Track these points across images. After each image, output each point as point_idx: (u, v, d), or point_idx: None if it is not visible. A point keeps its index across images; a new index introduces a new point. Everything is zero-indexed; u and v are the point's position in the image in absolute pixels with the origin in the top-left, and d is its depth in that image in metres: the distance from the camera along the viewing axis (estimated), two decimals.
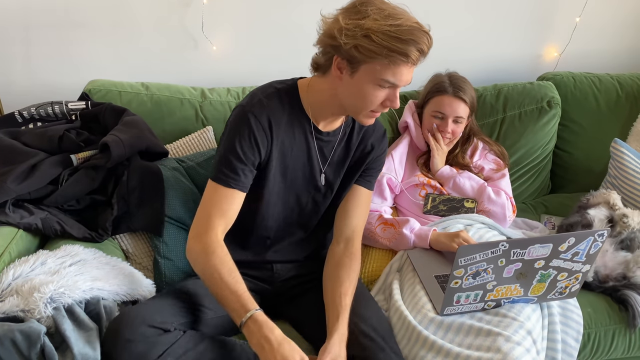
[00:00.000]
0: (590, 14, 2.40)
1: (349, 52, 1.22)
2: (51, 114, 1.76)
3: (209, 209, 1.32)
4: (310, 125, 1.40)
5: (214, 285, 1.26)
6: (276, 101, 1.36)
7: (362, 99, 1.29)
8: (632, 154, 2.00)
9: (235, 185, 1.32)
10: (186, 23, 2.11)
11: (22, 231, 1.51)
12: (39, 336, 1.10)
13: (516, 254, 1.31)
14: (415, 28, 1.20)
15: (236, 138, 1.32)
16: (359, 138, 1.48)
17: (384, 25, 1.19)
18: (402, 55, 1.20)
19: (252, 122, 1.32)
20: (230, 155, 1.32)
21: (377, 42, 1.19)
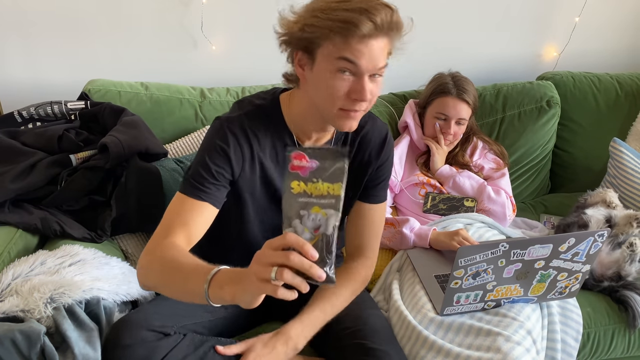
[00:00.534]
0: (590, 14, 2.40)
1: (299, 38, 1.12)
2: (50, 114, 1.76)
3: (169, 220, 1.16)
4: (295, 144, 1.29)
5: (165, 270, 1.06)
6: (256, 119, 1.26)
7: (325, 92, 1.15)
8: (631, 153, 2.00)
9: (206, 198, 1.19)
10: (185, 23, 2.10)
11: (21, 231, 1.51)
12: (39, 336, 1.09)
13: (516, 254, 1.31)
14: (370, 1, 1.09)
15: (209, 152, 1.22)
16: (354, 150, 1.35)
17: (332, 2, 1.09)
18: (351, 25, 1.05)
19: (228, 137, 1.22)
20: (201, 168, 1.21)
21: (323, 16, 1.08)
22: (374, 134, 1.35)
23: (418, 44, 2.30)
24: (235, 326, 1.42)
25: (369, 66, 1.11)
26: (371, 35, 1.08)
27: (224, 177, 1.23)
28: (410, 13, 2.42)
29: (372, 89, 1.15)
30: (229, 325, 1.39)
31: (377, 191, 1.39)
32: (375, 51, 1.10)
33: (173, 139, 1.93)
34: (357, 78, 1.12)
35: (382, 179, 1.39)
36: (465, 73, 1.98)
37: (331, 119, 1.20)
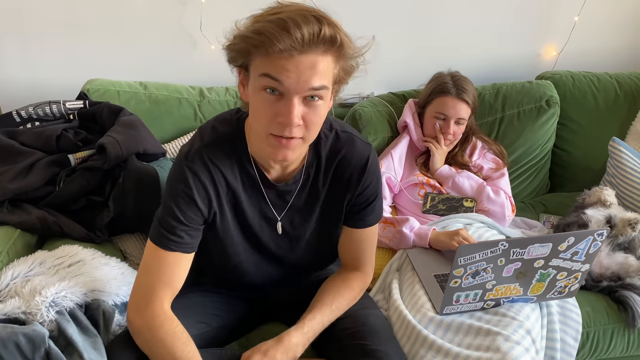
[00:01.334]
0: (589, 13, 2.40)
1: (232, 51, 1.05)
2: (49, 114, 1.76)
3: (151, 278, 1.16)
4: (257, 175, 1.20)
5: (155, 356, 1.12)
6: (218, 149, 1.16)
7: (254, 113, 1.06)
8: (630, 153, 2.00)
9: (177, 248, 1.15)
10: (184, 22, 2.10)
11: (20, 231, 1.50)
12: (43, 339, 1.09)
13: (516, 253, 1.31)
14: (299, 12, 0.96)
15: (174, 198, 1.15)
16: (330, 176, 1.25)
17: (264, 14, 1.00)
18: (267, 38, 0.95)
19: (189, 179, 1.14)
20: (168, 217, 1.15)
21: (249, 27, 1.00)
22: (353, 158, 1.23)
23: (417, 44, 2.31)
24: (232, 333, 1.42)
25: (296, 85, 0.99)
26: (294, 50, 0.96)
27: (194, 221, 1.17)
28: (409, 13, 2.44)
29: (305, 114, 1.03)
30: (226, 333, 1.38)
31: (364, 216, 1.30)
32: (304, 68, 0.97)
33: (172, 138, 1.93)
34: (285, 99, 1.01)
35: (367, 203, 1.29)
36: (464, 72, 1.98)
37: (264, 147, 1.09)
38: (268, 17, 0.98)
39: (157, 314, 1.13)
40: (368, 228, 1.33)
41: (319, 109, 1.04)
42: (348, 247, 1.36)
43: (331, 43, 0.98)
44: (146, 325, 1.13)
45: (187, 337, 1.14)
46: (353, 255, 1.36)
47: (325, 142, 1.23)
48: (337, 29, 0.98)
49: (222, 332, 1.37)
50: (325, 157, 1.23)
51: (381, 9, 2.21)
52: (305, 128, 1.05)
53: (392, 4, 2.22)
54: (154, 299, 1.14)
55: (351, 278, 1.36)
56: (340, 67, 1.04)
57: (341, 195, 1.27)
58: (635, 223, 1.67)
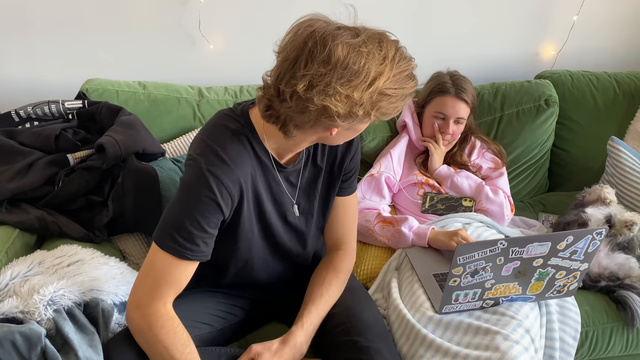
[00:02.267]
0: (588, 13, 2.40)
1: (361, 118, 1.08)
2: (48, 113, 1.75)
3: (159, 278, 1.13)
4: (272, 162, 1.23)
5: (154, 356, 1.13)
6: (236, 148, 1.16)
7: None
8: (629, 152, 2.00)
9: (193, 257, 1.14)
10: (183, 22, 2.10)
11: (19, 231, 1.50)
12: (40, 338, 1.09)
13: (515, 252, 1.31)
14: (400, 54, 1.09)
15: (196, 204, 1.12)
16: (325, 152, 1.32)
17: (392, 75, 1.06)
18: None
19: (214, 187, 1.11)
20: (189, 224, 1.11)
21: (395, 94, 1.08)
22: None
23: (416, 43, 2.31)
24: (232, 334, 1.42)
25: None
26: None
27: (215, 225, 1.16)
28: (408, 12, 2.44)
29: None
30: (227, 334, 1.38)
31: (349, 184, 1.39)
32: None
33: (171, 138, 1.93)
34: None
35: (353, 172, 1.39)
36: (463, 72, 1.98)
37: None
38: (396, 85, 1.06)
39: (160, 314, 1.12)
40: (350, 197, 1.41)
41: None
42: (333, 219, 1.41)
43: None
44: (147, 325, 1.12)
45: (187, 338, 1.14)
46: (338, 228, 1.41)
47: None
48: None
49: (223, 333, 1.37)
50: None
51: (380, 8, 2.21)
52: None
53: (391, 4, 2.22)
54: (158, 298, 1.13)
55: (336, 261, 1.39)
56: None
57: (337, 169, 1.34)
58: (631, 225, 1.67)
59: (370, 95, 1.03)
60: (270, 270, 1.39)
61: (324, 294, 1.33)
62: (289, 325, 1.45)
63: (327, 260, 1.41)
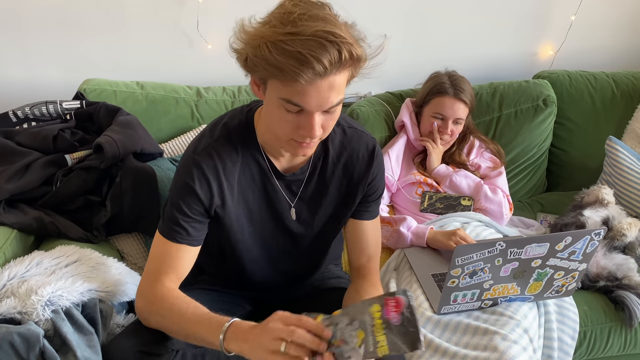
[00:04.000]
0: (586, 13, 2.40)
1: (243, 64, 1.05)
2: (45, 114, 1.75)
3: (157, 264, 1.19)
4: (268, 166, 1.23)
5: (173, 322, 1.12)
6: (227, 145, 1.19)
7: (273, 121, 1.09)
8: (627, 152, 2.00)
9: (182, 240, 1.18)
10: (181, 22, 2.10)
11: (16, 231, 1.50)
12: (38, 339, 1.08)
13: (513, 253, 1.31)
14: (315, 38, 0.94)
15: (180, 191, 1.18)
16: (340, 168, 1.27)
17: (279, 33, 0.96)
18: (289, 75, 0.96)
19: (194, 175, 1.16)
20: (174, 210, 1.18)
21: (262, 55, 0.98)
22: (360, 151, 1.27)
23: (415, 43, 2.31)
24: None
25: (316, 106, 1.02)
26: (316, 79, 0.97)
27: (198, 213, 1.19)
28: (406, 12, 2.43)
29: (324, 121, 1.06)
30: None
31: (371, 207, 1.34)
32: (324, 90, 0.99)
33: (169, 138, 1.93)
34: (305, 115, 1.03)
35: (376, 195, 1.33)
36: (461, 72, 1.98)
37: (283, 146, 1.14)
38: (283, 41, 0.96)
39: (159, 292, 1.15)
40: (373, 221, 1.36)
41: (336, 114, 1.09)
42: (358, 244, 1.35)
43: (352, 60, 1.00)
44: (149, 302, 1.16)
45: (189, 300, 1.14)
46: (363, 253, 1.35)
47: (334, 137, 1.26)
48: (352, 46, 0.98)
49: None
50: (333, 151, 1.26)
51: (378, 8, 2.21)
52: (324, 131, 1.09)
53: (389, 4, 2.22)
54: (157, 281, 1.17)
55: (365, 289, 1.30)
56: (353, 70, 1.05)
57: (354, 187, 1.29)
58: (622, 235, 1.70)
59: (253, 32, 1.03)
60: (264, 273, 1.37)
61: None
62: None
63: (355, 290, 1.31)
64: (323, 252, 1.43)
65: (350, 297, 1.32)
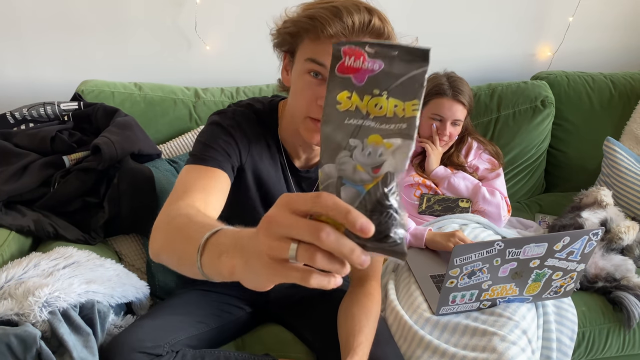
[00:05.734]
0: (584, 14, 2.41)
1: (282, 37, 1.09)
2: (43, 115, 1.75)
3: (185, 185, 1.02)
4: (284, 159, 1.24)
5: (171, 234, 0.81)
6: (251, 123, 1.20)
7: (295, 97, 1.10)
8: (625, 152, 2.01)
9: (218, 165, 1.09)
10: (179, 23, 2.10)
11: (14, 233, 1.49)
12: (35, 340, 1.08)
13: (511, 253, 1.31)
14: (353, 4, 1.02)
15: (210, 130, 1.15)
16: None
17: (314, 3, 1.05)
18: (319, 23, 1.00)
19: (227, 127, 1.15)
20: (205, 140, 1.13)
21: (301, 13, 1.05)
22: None
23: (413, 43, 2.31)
24: (229, 334, 1.41)
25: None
26: (343, 37, 1.00)
27: (232, 152, 1.14)
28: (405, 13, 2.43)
29: None
30: (223, 333, 1.38)
31: None
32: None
33: (167, 139, 1.93)
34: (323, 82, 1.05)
35: None
36: (460, 73, 1.98)
37: (300, 129, 1.13)
38: (321, 4, 1.03)
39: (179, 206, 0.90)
40: None
41: None
42: None
43: (378, 34, 1.03)
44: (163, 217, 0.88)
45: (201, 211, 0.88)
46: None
47: None
48: (385, 22, 1.04)
49: (220, 333, 1.37)
50: None
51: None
52: None
53: (388, 4, 2.22)
54: (184, 197, 0.95)
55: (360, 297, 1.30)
56: None
57: None
58: (620, 239, 1.70)
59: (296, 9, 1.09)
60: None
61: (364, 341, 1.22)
62: (286, 327, 1.46)
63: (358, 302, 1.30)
64: None
65: (344, 307, 1.31)
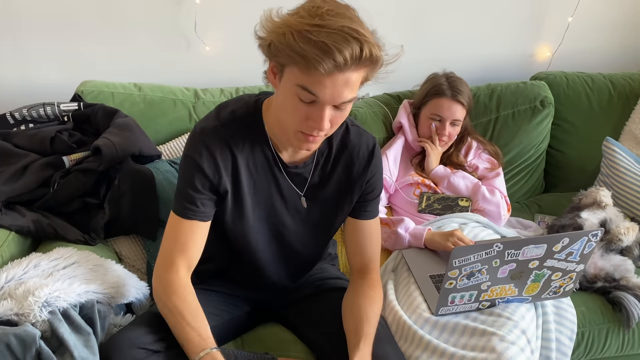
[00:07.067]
0: (583, 14, 2.41)
1: (266, 49, 1.09)
2: (43, 116, 1.75)
3: (170, 245, 1.23)
4: (274, 155, 1.25)
5: (174, 322, 1.19)
6: (234, 131, 1.21)
7: (285, 110, 1.12)
8: (624, 152, 2.01)
9: (194, 216, 1.22)
10: (179, 23, 2.10)
11: (14, 233, 1.49)
12: (34, 340, 1.08)
13: (510, 254, 1.31)
14: (340, 32, 0.99)
15: (185, 166, 1.21)
16: (341, 163, 1.30)
17: (306, 24, 1.00)
18: (310, 63, 1.00)
19: (202, 154, 1.19)
20: (182, 184, 1.22)
21: (287, 42, 1.01)
22: (362, 148, 1.30)
23: (412, 44, 2.31)
24: (228, 332, 1.41)
25: (331, 99, 1.06)
26: (334, 72, 1.01)
27: (207, 188, 1.21)
28: (404, 13, 2.44)
29: (333, 117, 1.10)
30: (223, 332, 1.37)
31: (371, 206, 1.36)
32: (340, 85, 1.04)
33: (167, 139, 1.93)
34: (317, 106, 1.07)
35: (374, 195, 1.36)
36: (459, 73, 1.98)
37: (290, 138, 1.16)
38: (310, 31, 1.00)
39: (172, 280, 1.20)
40: (372, 220, 1.38)
41: (345, 112, 1.12)
42: (356, 244, 1.38)
43: (371, 61, 1.05)
44: (164, 291, 1.21)
45: (197, 307, 1.21)
46: (362, 253, 1.37)
47: (337, 134, 1.28)
48: (375, 47, 1.04)
49: (219, 332, 1.36)
50: (335, 148, 1.30)
51: (376, 9, 2.21)
52: (331, 127, 1.13)
53: (387, 5, 2.23)
54: (171, 265, 1.22)
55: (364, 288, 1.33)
56: (369, 73, 1.10)
57: (352, 185, 1.32)
58: (619, 240, 1.71)
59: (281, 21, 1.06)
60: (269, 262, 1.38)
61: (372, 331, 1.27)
62: (286, 325, 1.46)
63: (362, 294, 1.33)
64: (318, 247, 1.45)
65: (349, 299, 1.33)
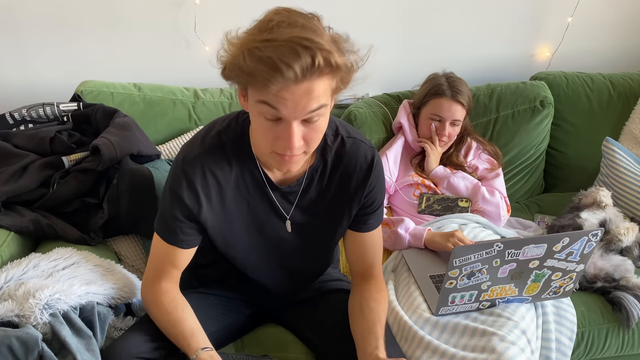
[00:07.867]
0: (583, 14, 2.41)
1: (223, 74, 1.03)
2: (42, 116, 1.75)
3: (156, 261, 1.25)
4: (262, 176, 1.20)
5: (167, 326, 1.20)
6: (219, 156, 1.17)
7: (257, 132, 1.07)
8: (624, 152, 2.01)
9: (175, 243, 1.21)
10: (178, 23, 2.10)
11: (13, 234, 1.49)
12: (37, 342, 1.08)
13: (511, 254, 1.31)
14: (288, 44, 0.91)
15: (169, 198, 1.18)
16: (337, 178, 1.24)
17: (255, 40, 0.95)
18: (260, 80, 0.94)
19: (183, 185, 1.16)
20: (166, 214, 1.20)
21: (237, 63, 0.96)
22: (358, 163, 1.23)
23: (412, 44, 2.31)
24: (228, 335, 1.41)
25: (294, 112, 0.98)
26: (288, 84, 0.94)
27: (188, 218, 1.19)
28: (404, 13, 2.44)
29: (306, 133, 1.03)
30: (222, 336, 1.38)
31: (372, 219, 1.30)
32: (300, 96, 0.95)
33: (166, 139, 1.93)
34: (284, 124, 1.00)
35: (374, 207, 1.29)
36: (459, 73, 1.98)
37: (268, 160, 1.12)
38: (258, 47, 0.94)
39: (160, 292, 1.23)
40: (371, 234, 1.32)
41: (318, 126, 1.04)
42: (357, 254, 1.34)
43: (326, 68, 0.96)
44: (152, 301, 1.23)
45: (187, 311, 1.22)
46: (364, 262, 1.34)
47: (331, 148, 1.22)
48: (330, 53, 0.94)
49: (218, 337, 1.37)
50: (330, 162, 1.23)
51: (376, 9, 2.21)
52: (307, 144, 1.05)
53: (387, 5, 2.23)
54: (158, 277, 1.24)
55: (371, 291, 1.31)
56: (338, 80, 1.02)
57: (349, 200, 1.25)
58: (619, 240, 1.71)
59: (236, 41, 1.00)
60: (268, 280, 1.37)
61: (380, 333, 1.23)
62: (285, 326, 1.46)
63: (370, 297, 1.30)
64: (320, 262, 1.42)
65: (356, 302, 1.30)
